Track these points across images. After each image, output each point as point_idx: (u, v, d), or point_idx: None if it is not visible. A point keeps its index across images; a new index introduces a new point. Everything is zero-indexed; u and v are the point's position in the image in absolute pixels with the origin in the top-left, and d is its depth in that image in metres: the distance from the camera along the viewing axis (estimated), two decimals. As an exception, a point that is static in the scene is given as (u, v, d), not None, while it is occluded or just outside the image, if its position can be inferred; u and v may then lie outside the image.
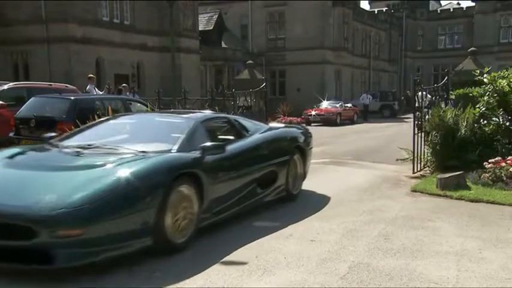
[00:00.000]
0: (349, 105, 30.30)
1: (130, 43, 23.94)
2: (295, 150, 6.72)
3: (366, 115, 31.50)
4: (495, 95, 8.60)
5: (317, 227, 5.30)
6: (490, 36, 44.79)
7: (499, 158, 7.60)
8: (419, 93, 9.37)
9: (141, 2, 24.50)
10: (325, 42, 36.03)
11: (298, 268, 4.06)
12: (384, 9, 50.70)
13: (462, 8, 51.05)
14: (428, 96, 10.02)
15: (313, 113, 26.86)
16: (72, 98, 9.81)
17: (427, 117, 8.96)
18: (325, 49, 36.15)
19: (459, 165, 8.00)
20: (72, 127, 8.07)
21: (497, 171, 7.29)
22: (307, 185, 7.23)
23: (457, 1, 58.75)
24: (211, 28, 33.13)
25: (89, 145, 5.11)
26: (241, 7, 37.95)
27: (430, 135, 8.79)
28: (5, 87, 11.43)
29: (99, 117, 8.04)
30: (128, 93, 16.54)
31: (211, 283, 3.74)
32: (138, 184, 4.08)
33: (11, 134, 9.58)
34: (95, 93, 14.28)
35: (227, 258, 4.28)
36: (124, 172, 4.13)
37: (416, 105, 9.14)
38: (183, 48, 25.87)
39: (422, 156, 9.00)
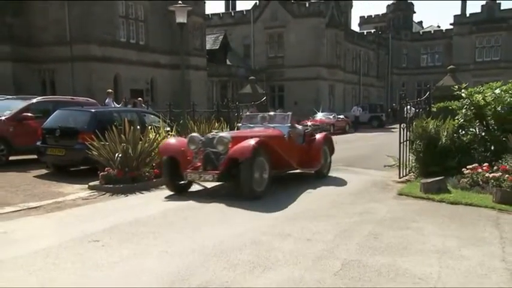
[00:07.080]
0: (341, 116, 30.29)
1: (145, 61, 24.03)
2: None
3: (356, 126, 31.42)
4: (472, 108, 8.60)
5: (313, 228, 5.27)
6: (467, 56, 44.93)
7: (476, 164, 7.58)
8: (407, 106, 9.36)
9: (154, 25, 24.62)
10: (320, 60, 36.09)
11: (296, 265, 4.03)
12: (372, 30, 50.99)
13: (442, 30, 51.21)
14: (413, 109, 10.00)
15: (309, 123, 26.66)
16: (93, 110, 9.84)
17: (411, 127, 8.95)
18: (320, 66, 36.21)
19: (440, 171, 7.97)
20: (93, 136, 8.12)
21: (474, 176, 7.28)
22: (304, 190, 7.20)
23: (437, 24, 58.94)
24: (217, 47, 33.23)
25: None
26: (244, 29, 38.19)
27: (414, 143, 8.77)
28: (34, 101, 11.49)
29: (117, 128, 8.08)
30: (142, 105, 16.60)
31: (216, 278, 3.72)
32: None
33: (38, 143, 9.60)
34: (113, 106, 14.33)
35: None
36: None
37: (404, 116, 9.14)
38: (192, 65, 25.95)
39: (407, 163, 8.99)
